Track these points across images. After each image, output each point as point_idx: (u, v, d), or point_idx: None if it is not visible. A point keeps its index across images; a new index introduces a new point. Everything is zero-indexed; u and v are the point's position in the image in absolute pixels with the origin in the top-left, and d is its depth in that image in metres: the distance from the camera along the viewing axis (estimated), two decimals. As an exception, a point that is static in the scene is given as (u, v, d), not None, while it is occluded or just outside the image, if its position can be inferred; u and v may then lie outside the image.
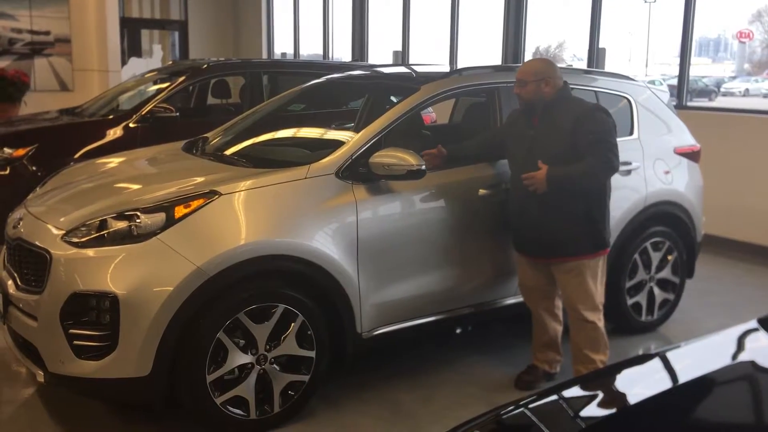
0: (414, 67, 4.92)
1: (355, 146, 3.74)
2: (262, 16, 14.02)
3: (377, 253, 3.69)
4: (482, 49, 10.55)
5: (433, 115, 7.10)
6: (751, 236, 6.83)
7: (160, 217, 3.29)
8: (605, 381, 2.05)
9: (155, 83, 7.20)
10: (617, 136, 3.78)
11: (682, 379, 1.91)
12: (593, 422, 1.77)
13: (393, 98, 4.62)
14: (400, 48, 11.15)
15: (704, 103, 9.44)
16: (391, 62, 11.16)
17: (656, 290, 4.78)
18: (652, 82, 7.44)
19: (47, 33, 11.07)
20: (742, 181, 6.86)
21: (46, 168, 5.56)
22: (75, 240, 3.30)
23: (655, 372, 2.00)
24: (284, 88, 5.95)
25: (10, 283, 3.55)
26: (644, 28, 10.06)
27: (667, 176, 4.73)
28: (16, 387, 4.01)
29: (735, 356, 2.05)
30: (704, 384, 1.84)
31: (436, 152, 3.92)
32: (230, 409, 3.36)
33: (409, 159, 3.58)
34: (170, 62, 11.15)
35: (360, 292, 3.63)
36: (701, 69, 9.79)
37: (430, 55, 10.93)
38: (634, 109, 4.76)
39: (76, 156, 5.94)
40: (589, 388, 1.98)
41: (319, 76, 5.19)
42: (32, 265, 3.43)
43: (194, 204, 3.35)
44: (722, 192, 6.69)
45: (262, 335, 3.38)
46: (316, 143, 4.44)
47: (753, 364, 1.97)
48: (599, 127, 3.67)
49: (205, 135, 4.77)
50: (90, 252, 3.25)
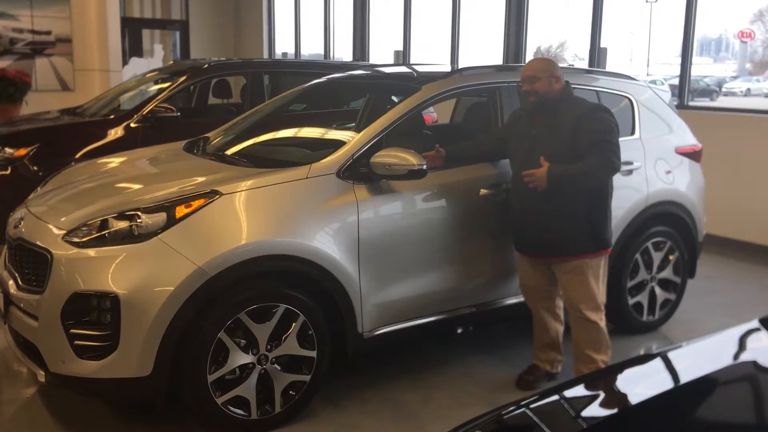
0: (415, 67, 4.92)
1: (356, 146, 3.74)
2: (263, 16, 14.04)
3: (378, 253, 3.69)
4: (483, 48, 10.55)
5: (434, 114, 7.09)
6: (752, 236, 6.83)
7: (161, 216, 3.29)
8: (606, 381, 2.04)
9: (156, 83, 7.21)
10: (619, 135, 3.78)
11: (684, 379, 1.91)
12: (595, 422, 1.77)
13: (394, 98, 4.62)
14: (401, 48, 11.15)
15: (705, 102, 9.43)
16: (392, 62, 11.16)
17: (657, 290, 4.78)
18: (654, 82, 7.43)
19: (48, 33, 11.07)
20: (744, 181, 6.85)
21: (47, 168, 5.56)
22: (76, 240, 3.31)
23: (656, 372, 1.99)
24: (285, 88, 5.95)
25: (11, 282, 3.55)
26: (645, 28, 10.04)
27: (669, 176, 4.73)
28: (17, 387, 4.01)
29: (737, 356, 2.05)
30: (706, 384, 1.83)
31: (434, 153, 3.92)
32: (231, 408, 3.36)
33: (410, 159, 3.58)
34: (171, 62, 11.15)
35: (361, 291, 3.63)
36: (702, 69, 9.77)
37: (431, 55, 10.93)
38: (636, 108, 4.75)
39: (77, 156, 5.95)
40: (590, 388, 1.97)
41: (320, 75, 5.18)
42: (33, 264, 3.43)
43: (195, 204, 3.34)
44: (723, 192, 6.69)
45: (263, 335, 3.38)
46: (317, 143, 4.44)
47: (755, 364, 1.97)
48: (601, 126, 3.67)
49: (206, 135, 4.77)
50: (91, 252, 3.25)
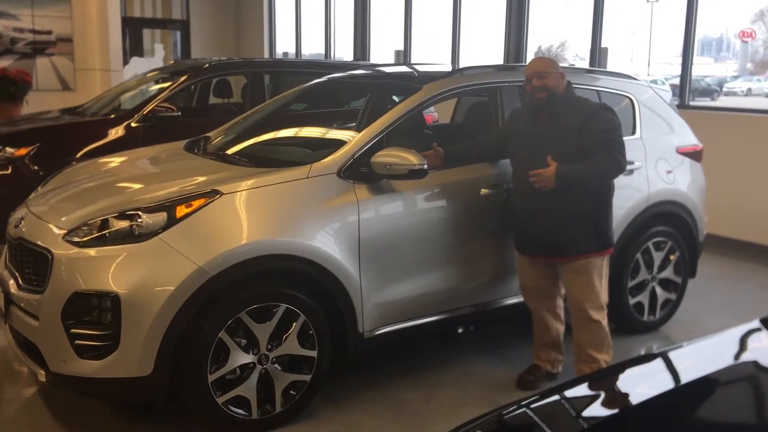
0: (416, 67, 4.92)
1: (357, 146, 3.74)
2: (264, 16, 14.03)
3: (379, 253, 3.68)
4: (484, 48, 10.54)
5: (435, 114, 7.09)
6: (753, 236, 6.82)
7: (161, 216, 3.29)
8: (607, 381, 2.04)
9: (157, 83, 7.21)
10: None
11: (685, 379, 1.90)
12: (595, 422, 1.77)
13: (395, 97, 4.62)
14: (401, 47, 11.15)
15: (706, 102, 9.43)
16: (392, 61, 11.16)
17: (658, 290, 4.77)
18: (655, 82, 7.43)
19: (49, 32, 11.08)
20: (745, 181, 6.85)
21: (48, 167, 5.56)
22: (76, 239, 3.30)
23: (657, 372, 1.99)
24: (286, 88, 5.95)
25: (12, 282, 3.55)
26: (646, 28, 10.03)
27: (670, 176, 4.73)
28: (17, 386, 4.01)
29: (737, 356, 2.04)
30: (707, 384, 1.83)
31: (432, 153, 3.91)
32: (232, 408, 3.35)
33: (411, 158, 3.57)
34: (172, 62, 11.16)
35: (362, 291, 3.62)
36: (703, 68, 9.77)
37: (431, 55, 10.93)
38: (637, 108, 4.75)
39: (78, 155, 5.94)
40: (591, 388, 1.97)
41: (321, 75, 5.18)
42: (34, 264, 3.43)
43: (196, 203, 3.34)
44: (724, 191, 6.68)
45: (264, 335, 3.38)
46: (318, 143, 4.43)
47: (755, 364, 1.96)
48: (607, 126, 3.68)
49: (207, 134, 4.77)
50: (91, 251, 3.25)
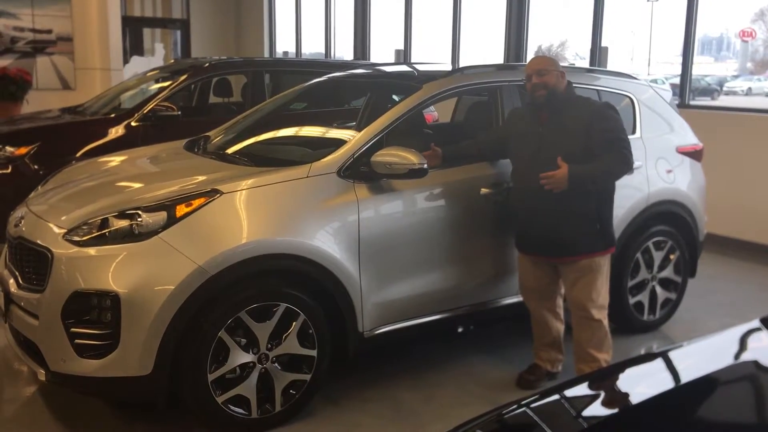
0: (416, 66, 4.92)
1: (357, 145, 3.73)
2: (264, 15, 14.03)
3: (379, 252, 3.68)
4: (484, 47, 10.54)
5: (435, 113, 7.09)
6: (753, 235, 6.82)
7: (161, 215, 3.29)
8: (607, 381, 2.04)
9: (157, 82, 7.20)
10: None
11: (685, 378, 1.90)
12: (595, 422, 1.77)
13: (395, 97, 4.62)
14: (402, 46, 11.14)
15: (707, 102, 9.42)
16: (392, 61, 11.16)
17: (658, 289, 4.77)
18: (655, 81, 7.42)
19: (49, 31, 11.07)
20: (745, 180, 6.85)
21: (48, 166, 5.56)
22: (76, 239, 3.30)
23: (657, 372, 1.99)
24: (286, 87, 5.95)
25: (12, 281, 3.55)
26: (647, 27, 10.03)
27: (670, 175, 4.72)
28: (17, 385, 4.01)
29: (738, 356, 2.04)
30: (707, 384, 1.83)
31: (431, 152, 3.90)
32: (232, 408, 3.35)
33: (411, 158, 3.57)
34: (172, 61, 11.16)
35: (361, 291, 3.62)
36: (704, 68, 9.76)
37: (432, 54, 10.92)
38: (637, 108, 4.75)
39: (78, 154, 5.94)
40: (591, 387, 1.97)
41: (321, 74, 5.18)
42: (34, 263, 3.43)
43: (196, 203, 3.34)
44: (725, 191, 6.68)
45: (264, 334, 3.38)
46: (318, 142, 4.43)
47: (756, 363, 1.96)
48: (612, 125, 3.70)
49: (207, 134, 4.77)
50: (91, 251, 3.25)
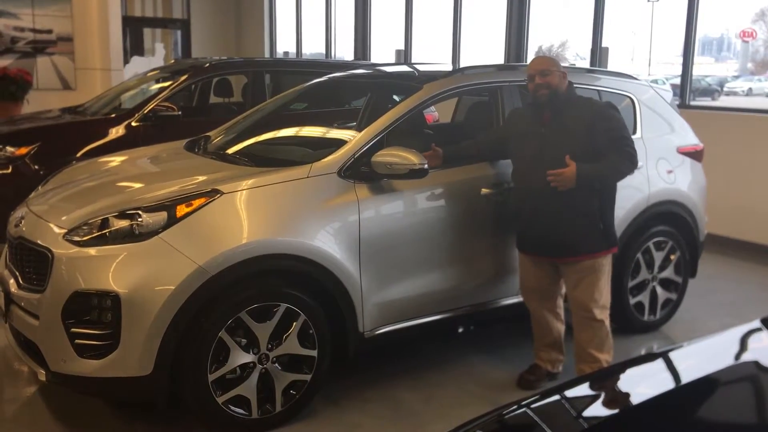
0: (416, 66, 4.91)
1: (358, 145, 3.73)
2: (265, 15, 14.03)
3: (379, 252, 3.68)
4: (485, 47, 10.54)
5: (435, 114, 7.09)
6: (754, 235, 6.82)
7: (161, 216, 3.29)
8: (608, 381, 2.04)
9: (157, 82, 7.20)
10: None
11: (685, 379, 1.90)
12: (596, 422, 1.76)
13: (395, 97, 4.62)
14: (402, 47, 11.14)
15: (707, 102, 9.42)
16: (393, 61, 11.16)
17: (659, 290, 4.77)
18: (655, 81, 7.42)
19: (50, 31, 11.07)
20: (745, 181, 6.84)
21: (48, 167, 5.56)
22: (77, 239, 3.30)
23: (657, 372, 1.99)
24: (286, 87, 5.95)
25: (12, 281, 3.55)
26: (647, 28, 10.03)
27: (670, 176, 4.72)
28: (17, 386, 4.01)
29: (738, 356, 2.04)
30: (707, 384, 1.83)
31: (431, 153, 3.90)
32: (232, 408, 3.35)
33: (412, 158, 3.57)
34: (172, 61, 11.15)
35: (362, 291, 3.62)
36: (704, 68, 9.76)
37: (432, 54, 10.92)
38: (637, 108, 4.75)
39: (78, 155, 5.94)
40: (591, 388, 1.97)
41: (322, 74, 5.18)
42: (34, 263, 3.43)
43: (196, 203, 3.34)
44: (725, 191, 6.68)
45: (264, 334, 3.37)
46: (318, 142, 4.43)
47: (756, 364, 1.96)
48: (616, 124, 3.71)
49: (207, 134, 4.77)
50: (92, 251, 3.25)
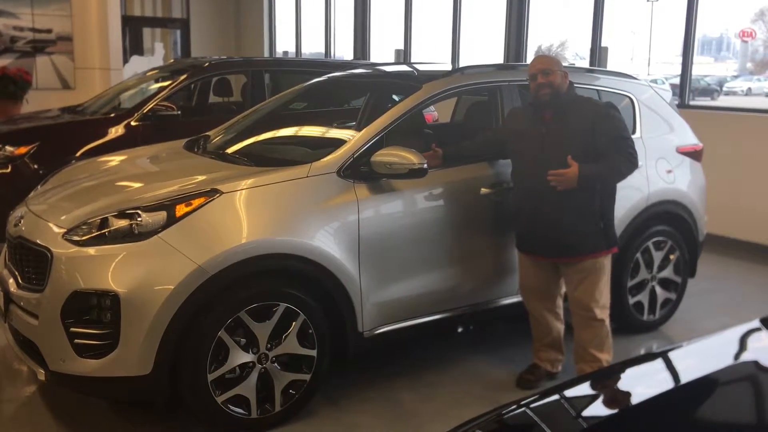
0: (416, 66, 4.91)
1: (357, 145, 3.73)
2: (264, 14, 14.03)
3: (379, 252, 3.68)
4: (484, 47, 10.54)
5: (435, 113, 7.09)
6: (753, 235, 6.82)
7: (161, 215, 3.29)
8: (607, 381, 2.04)
9: (157, 81, 7.20)
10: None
11: (685, 379, 1.90)
12: (595, 422, 1.76)
13: (395, 97, 4.62)
14: (401, 46, 11.14)
15: (706, 102, 9.42)
16: (392, 60, 11.15)
17: (658, 289, 4.77)
18: (655, 81, 7.42)
19: (49, 31, 11.07)
20: (745, 180, 6.85)
21: (48, 166, 5.56)
22: (76, 238, 3.30)
23: (657, 372, 1.99)
24: (286, 87, 5.94)
25: (12, 281, 3.55)
26: (647, 27, 10.02)
27: (670, 175, 4.72)
28: (17, 385, 4.01)
29: (737, 356, 2.04)
30: (707, 384, 1.83)
31: (431, 153, 3.90)
32: (231, 407, 3.35)
33: (411, 157, 3.57)
34: (172, 60, 11.14)
35: (361, 290, 3.62)
36: (703, 68, 9.76)
37: (432, 54, 10.92)
38: (637, 108, 4.75)
39: (78, 154, 5.94)
40: (591, 387, 1.97)
41: (321, 74, 5.18)
42: (33, 263, 3.43)
43: (195, 202, 3.34)
44: (724, 191, 6.68)
45: (264, 334, 3.37)
46: (318, 142, 4.43)
47: (756, 364, 1.96)
48: (617, 124, 3.72)
49: (207, 133, 4.77)
50: (91, 250, 3.25)
